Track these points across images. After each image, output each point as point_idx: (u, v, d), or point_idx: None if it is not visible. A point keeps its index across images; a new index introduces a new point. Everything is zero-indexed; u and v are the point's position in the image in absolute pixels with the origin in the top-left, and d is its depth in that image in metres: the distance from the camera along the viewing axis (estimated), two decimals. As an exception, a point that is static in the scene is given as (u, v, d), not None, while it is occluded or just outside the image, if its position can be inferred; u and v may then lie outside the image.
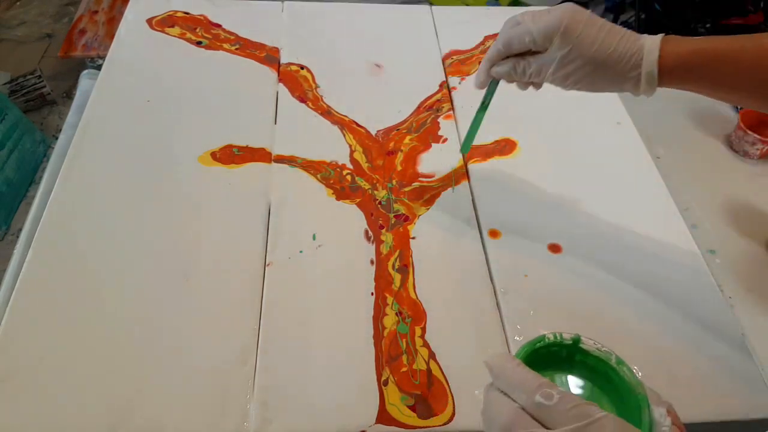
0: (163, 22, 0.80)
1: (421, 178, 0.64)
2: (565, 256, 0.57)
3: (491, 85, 0.52)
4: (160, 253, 0.54)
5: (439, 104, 0.73)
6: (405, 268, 0.55)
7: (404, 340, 0.50)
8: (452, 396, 0.47)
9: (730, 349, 0.52)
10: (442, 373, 0.48)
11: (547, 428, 0.27)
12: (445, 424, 0.45)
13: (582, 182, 0.64)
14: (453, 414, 0.46)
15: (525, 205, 0.62)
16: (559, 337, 0.32)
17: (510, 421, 0.28)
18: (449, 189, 0.63)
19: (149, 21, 0.80)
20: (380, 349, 0.49)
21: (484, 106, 0.54)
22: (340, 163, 0.64)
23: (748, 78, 0.41)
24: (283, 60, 0.76)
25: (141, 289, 0.52)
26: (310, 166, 0.64)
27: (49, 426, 0.44)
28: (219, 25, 0.80)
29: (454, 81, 0.76)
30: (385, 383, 0.47)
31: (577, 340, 0.32)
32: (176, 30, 0.79)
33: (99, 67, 0.73)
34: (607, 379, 0.32)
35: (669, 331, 0.52)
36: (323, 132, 0.68)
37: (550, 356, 0.33)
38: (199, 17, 0.81)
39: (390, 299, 0.53)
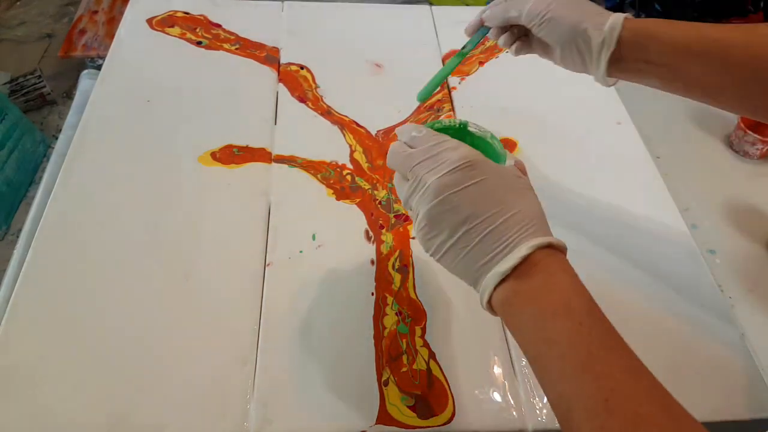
0: (163, 22, 0.80)
1: (421, 178, 0.64)
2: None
3: (476, 35, 0.53)
4: (159, 253, 0.54)
5: (440, 104, 0.73)
6: (405, 268, 0.55)
7: (404, 340, 0.50)
8: (452, 396, 0.47)
9: (730, 349, 0.52)
10: (442, 373, 0.48)
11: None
12: (445, 424, 0.45)
13: (582, 182, 0.64)
14: (453, 414, 0.46)
15: (525, 205, 0.62)
16: (452, 122, 0.41)
17: (392, 148, 0.38)
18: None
19: (149, 21, 0.80)
20: (380, 349, 0.49)
21: (461, 53, 0.54)
22: (340, 163, 0.64)
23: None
24: (283, 60, 0.76)
25: (141, 288, 0.52)
26: (310, 166, 0.64)
27: (49, 426, 0.44)
28: (219, 25, 0.80)
29: (454, 81, 0.76)
30: (386, 383, 0.47)
31: (465, 124, 0.41)
32: (176, 30, 0.79)
33: (99, 67, 0.73)
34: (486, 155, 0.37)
35: (668, 331, 0.52)
36: (323, 132, 0.68)
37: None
38: (199, 17, 0.81)
39: (390, 299, 0.53)
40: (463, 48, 0.54)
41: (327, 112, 0.70)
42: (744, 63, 0.39)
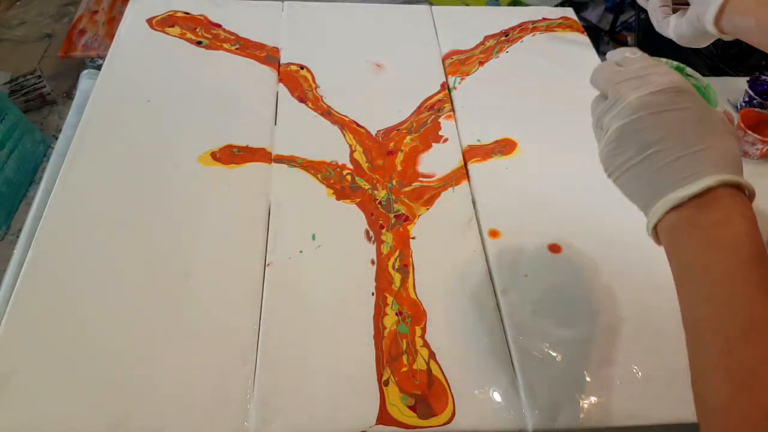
0: (163, 22, 0.80)
1: (421, 178, 0.64)
2: (565, 256, 0.57)
3: None
4: (159, 253, 0.54)
5: (440, 104, 0.73)
6: (405, 268, 0.55)
7: (404, 340, 0.50)
8: (452, 396, 0.47)
9: (730, 349, 0.51)
10: (442, 373, 0.48)
11: None
12: (445, 424, 0.45)
13: (582, 182, 0.64)
14: (453, 414, 0.46)
15: (525, 205, 0.62)
16: (669, 62, 0.40)
17: (599, 66, 0.37)
18: (449, 189, 0.63)
19: (149, 21, 0.80)
20: (381, 349, 0.49)
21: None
22: (340, 163, 0.64)
23: None
24: (283, 60, 0.76)
25: (141, 289, 0.52)
26: (310, 166, 0.64)
27: (49, 426, 0.43)
28: (219, 25, 0.80)
29: (454, 81, 0.76)
30: (386, 383, 0.47)
31: (683, 68, 0.41)
32: (176, 30, 0.79)
33: (99, 67, 0.73)
34: None
35: (669, 331, 0.52)
36: (323, 132, 0.68)
37: None
38: (199, 17, 0.81)
39: (390, 299, 0.53)
40: None
41: (327, 112, 0.70)
42: None
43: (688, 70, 0.41)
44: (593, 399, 0.47)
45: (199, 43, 0.77)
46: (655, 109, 0.32)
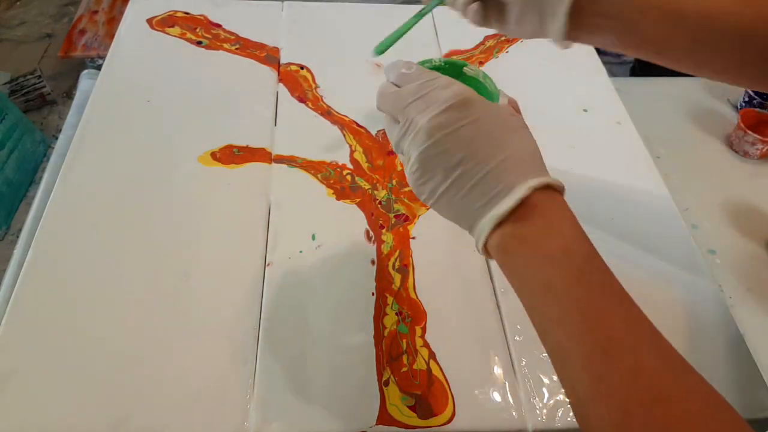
0: (163, 22, 0.80)
1: (421, 178, 0.64)
2: (565, 256, 0.57)
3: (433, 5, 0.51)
4: (159, 253, 0.54)
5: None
6: (405, 268, 0.55)
7: (404, 340, 0.50)
8: (452, 396, 0.47)
9: (730, 349, 0.52)
10: (442, 373, 0.48)
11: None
12: (445, 424, 0.45)
13: (582, 182, 0.64)
14: (453, 414, 0.46)
15: (525, 205, 0.62)
16: (441, 61, 0.41)
17: (380, 89, 0.37)
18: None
19: (149, 21, 0.80)
20: (381, 349, 0.49)
21: (420, 14, 0.52)
22: (340, 163, 0.64)
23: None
24: (283, 60, 0.76)
25: (141, 288, 0.52)
26: (310, 166, 0.64)
27: (49, 426, 0.44)
28: (219, 25, 0.80)
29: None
30: (386, 383, 0.47)
31: (455, 63, 0.40)
32: (176, 30, 0.79)
33: (99, 67, 0.73)
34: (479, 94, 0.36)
35: (668, 331, 0.52)
36: (323, 132, 0.68)
37: None
38: (199, 17, 0.81)
39: (390, 299, 0.53)
40: (423, 9, 0.52)
41: (327, 112, 0.70)
42: (696, 16, 0.38)
43: (467, 67, 0.40)
44: (593, 399, 0.47)
45: (199, 43, 0.77)
46: (448, 129, 0.32)
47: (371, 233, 0.58)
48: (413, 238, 0.58)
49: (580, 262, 0.30)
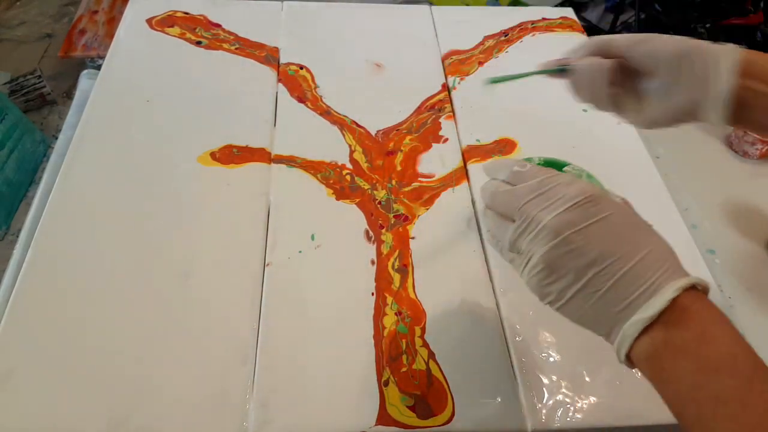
0: (163, 22, 0.80)
1: (420, 179, 0.64)
2: (565, 256, 0.57)
3: (558, 70, 0.47)
4: (159, 252, 0.54)
5: (441, 104, 0.73)
6: (404, 268, 0.55)
7: (404, 340, 0.50)
8: (452, 396, 0.47)
9: (730, 349, 0.51)
10: (442, 373, 0.48)
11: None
12: (444, 424, 0.45)
13: (582, 182, 0.64)
14: (452, 414, 0.46)
15: (525, 205, 0.62)
16: (542, 161, 0.39)
17: (489, 187, 0.36)
18: (449, 189, 0.63)
19: (149, 21, 0.80)
20: (380, 349, 0.49)
21: (544, 71, 0.50)
22: (339, 163, 0.64)
23: None
24: (283, 60, 0.76)
25: (140, 288, 0.52)
26: (310, 166, 0.64)
27: (49, 426, 0.44)
28: (219, 25, 0.80)
29: (453, 81, 0.76)
30: (386, 383, 0.47)
31: (555, 162, 0.39)
32: (176, 30, 0.79)
33: (99, 67, 0.73)
34: None
35: (669, 331, 0.52)
36: (323, 132, 0.68)
37: None
38: (198, 17, 0.81)
39: (390, 299, 0.53)
40: (547, 68, 0.49)
41: (326, 112, 0.70)
42: None
43: (568, 166, 0.38)
44: (593, 399, 0.47)
45: (198, 43, 0.77)
46: (577, 227, 0.30)
47: (371, 233, 0.58)
48: (413, 238, 0.58)
49: (750, 372, 0.27)
